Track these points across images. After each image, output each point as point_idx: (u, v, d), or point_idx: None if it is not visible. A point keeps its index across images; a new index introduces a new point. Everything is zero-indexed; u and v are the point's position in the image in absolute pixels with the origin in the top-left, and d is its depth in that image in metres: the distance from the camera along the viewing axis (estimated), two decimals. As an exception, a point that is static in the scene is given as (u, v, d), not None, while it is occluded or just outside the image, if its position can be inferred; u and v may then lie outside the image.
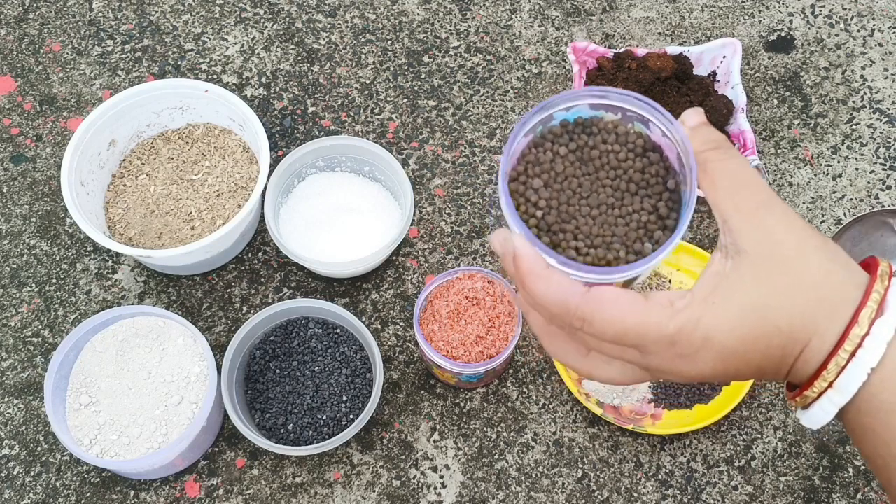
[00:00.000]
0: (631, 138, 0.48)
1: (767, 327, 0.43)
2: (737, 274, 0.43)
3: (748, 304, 0.43)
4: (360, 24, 1.04)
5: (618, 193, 0.47)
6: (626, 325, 0.43)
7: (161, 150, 0.93)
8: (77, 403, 0.79)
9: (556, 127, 0.48)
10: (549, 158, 0.48)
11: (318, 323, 0.85)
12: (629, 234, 0.47)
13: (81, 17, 1.04)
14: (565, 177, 0.47)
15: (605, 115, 0.48)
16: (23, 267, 0.91)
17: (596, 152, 0.48)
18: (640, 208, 0.47)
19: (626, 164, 0.48)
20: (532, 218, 0.47)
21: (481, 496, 0.82)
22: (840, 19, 1.06)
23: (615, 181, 0.48)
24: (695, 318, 0.43)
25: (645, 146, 0.48)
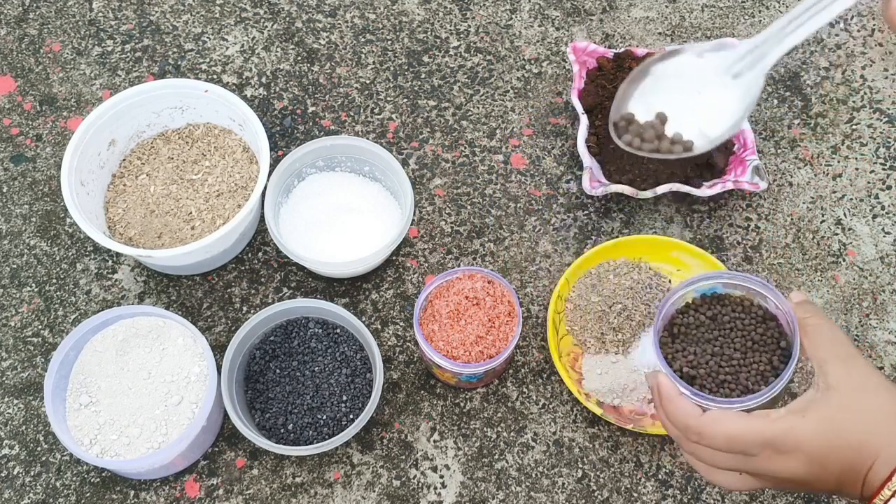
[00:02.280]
0: (754, 310, 0.66)
1: (843, 440, 0.55)
2: (825, 400, 0.56)
3: (829, 420, 0.56)
4: (360, 24, 1.04)
5: (742, 350, 0.64)
6: (732, 433, 0.57)
7: (161, 150, 0.93)
8: (77, 403, 0.79)
9: (698, 298, 0.67)
10: (691, 322, 0.66)
11: (318, 323, 0.85)
12: (750, 379, 0.64)
13: (81, 17, 1.04)
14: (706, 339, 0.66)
15: (735, 291, 0.67)
16: (23, 267, 0.91)
17: (727, 318, 0.65)
18: (758, 360, 0.64)
19: (749, 329, 0.65)
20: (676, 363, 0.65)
21: (481, 496, 0.82)
22: (840, 19, 1.06)
23: (741, 340, 0.65)
24: (787, 426, 0.56)
25: (764, 316, 0.65)
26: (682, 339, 0.67)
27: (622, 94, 0.56)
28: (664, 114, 0.56)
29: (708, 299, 0.67)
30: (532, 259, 0.92)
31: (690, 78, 0.54)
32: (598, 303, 0.87)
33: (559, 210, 0.94)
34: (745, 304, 0.66)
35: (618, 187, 0.90)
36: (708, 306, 0.67)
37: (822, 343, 0.59)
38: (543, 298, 0.90)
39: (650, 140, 0.55)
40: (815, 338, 0.60)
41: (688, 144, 0.55)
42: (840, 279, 0.92)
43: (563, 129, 0.99)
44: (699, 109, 0.55)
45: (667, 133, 0.56)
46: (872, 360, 0.88)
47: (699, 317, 0.67)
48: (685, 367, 0.65)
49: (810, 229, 0.94)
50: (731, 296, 0.67)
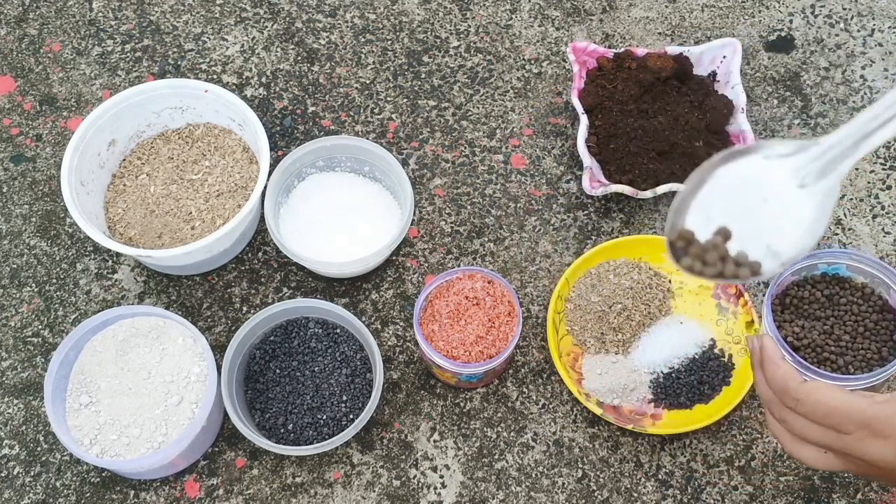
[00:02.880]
0: (874, 299, 0.66)
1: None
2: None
3: None
4: (360, 24, 1.04)
5: (853, 334, 0.65)
6: (833, 405, 0.55)
7: (161, 150, 0.93)
8: (77, 403, 0.79)
9: (818, 275, 0.66)
10: (806, 296, 0.66)
11: (318, 323, 0.85)
12: (854, 363, 0.64)
13: (81, 17, 1.04)
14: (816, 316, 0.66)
15: (858, 277, 0.66)
16: (23, 267, 0.91)
17: (844, 301, 0.66)
18: (867, 347, 0.65)
19: (865, 315, 0.65)
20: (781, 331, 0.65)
21: (481, 496, 0.82)
22: (840, 19, 1.06)
23: (853, 325, 0.65)
24: (892, 410, 0.54)
25: (883, 307, 0.66)
26: (792, 311, 0.66)
27: (678, 205, 0.47)
28: (727, 229, 0.47)
29: (829, 278, 0.67)
30: (532, 259, 0.92)
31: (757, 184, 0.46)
32: (598, 303, 0.87)
33: (559, 210, 0.94)
34: (865, 292, 0.67)
35: (618, 187, 0.90)
36: (826, 285, 0.66)
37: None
38: (543, 298, 0.90)
39: (712, 263, 0.47)
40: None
41: (755, 267, 0.46)
42: (840, 279, 0.92)
43: (563, 129, 0.99)
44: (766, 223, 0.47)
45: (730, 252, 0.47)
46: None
47: (815, 293, 0.66)
48: (790, 337, 0.65)
49: (810, 229, 0.94)
50: (853, 280, 0.67)
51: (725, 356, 0.87)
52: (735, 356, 0.87)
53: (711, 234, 0.47)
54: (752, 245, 0.47)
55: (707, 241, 0.47)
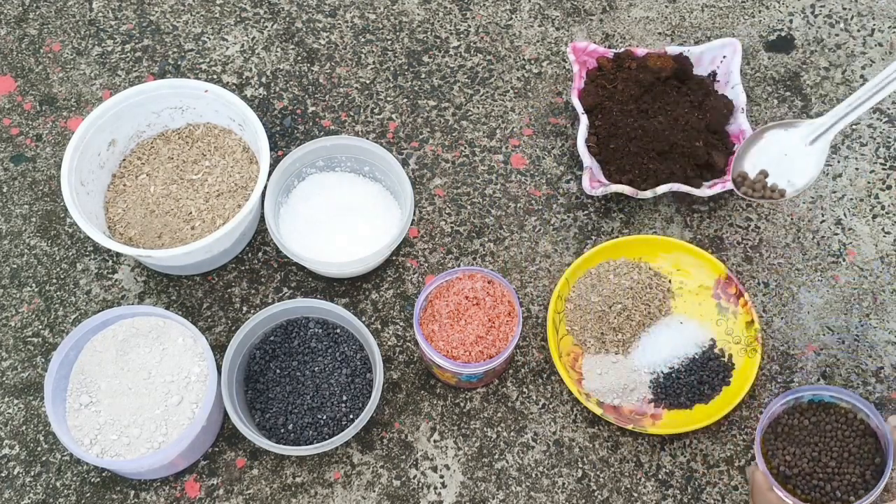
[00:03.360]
0: (857, 423, 0.71)
1: None
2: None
3: None
4: (360, 24, 1.04)
5: (839, 459, 0.69)
6: None
7: (161, 150, 0.93)
8: (77, 403, 0.79)
9: (805, 404, 0.72)
10: (795, 424, 0.72)
11: (318, 323, 0.85)
12: (840, 488, 0.69)
13: (81, 17, 1.04)
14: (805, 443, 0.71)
15: (841, 402, 0.72)
16: (23, 267, 0.91)
17: (829, 427, 0.71)
18: (852, 472, 0.69)
19: (849, 440, 0.70)
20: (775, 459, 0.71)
21: (481, 496, 0.82)
22: (840, 19, 1.06)
23: (838, 450, 0.70)
24: None
25: (864, 431, 0.70)
26: (784, 439, 0.72)
27: (738, 157, 0.76)
28: (766, 170, 0.75)
29: (815, 406, 0.72)
30: (532, 259, 0.92)
31: (781, 144, 0.74)
32: (598, 303, 0.87)
33: (559, 210, 0.94)
34: (848, 417, 0.71)
35: (618, 187, 0.90)
36: (813, 412, 0.72)
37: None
38: (543, 298, 0.90)
39: (759, 190, 0.75)
40: None
41: (782, 192, 0.74)
42: (840, 279, 0.92)
43: (563, 129, 0.99)
44: (787, 166, 0.74)
45: (768, 184, 0.75)
46: (872, 360, 0.88)
47: (803, 420, 0.72)
48: (782, 466, 0.71)
49: (810, 229, 0.94)
50: (837, 406, 0.72)
51: (725, 356, 0.87)
52: (735, 356, 0.87)
53: (756, 173, 0.75)
54: (779, 180, 0.74)
55: (755, 177, 0.75)
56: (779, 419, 0.72)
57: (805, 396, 0.72)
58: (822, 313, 0.90)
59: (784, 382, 0.87)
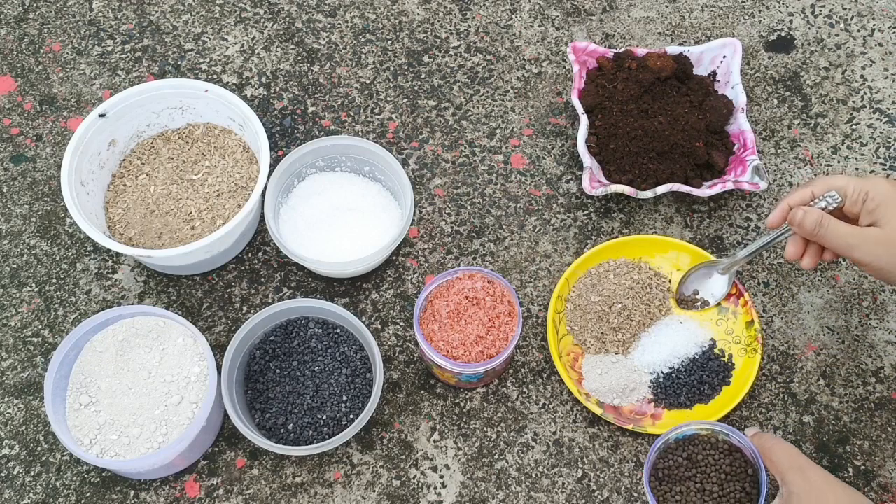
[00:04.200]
0: (721, 445, 0.76)
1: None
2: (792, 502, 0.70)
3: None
4: (360, 24, 1.04)
5: (718, 482, 0.75)
6: None
7: (161, 150, 0.93)
8: (77, 403, 0.79)
9: (672, 442, 0.77)
10: (671, 465, 0.76)
11: (318, 323, 0.85)
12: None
13: (81, 17, 1.04)
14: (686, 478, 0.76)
15: (702, 431, 0.77)
16: (23, 267, 0.91)
17: (700, 456, 0.76)
18: (734, 489, 0.75)
19: (721, 462, 0.76)
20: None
21: (481, 496, 0.82)
22: (840, 19, 1.06)
23: (716, 474, 0.75)
24: None
25: (730, 449, 0.76)
26: (668, 481, 0.76)
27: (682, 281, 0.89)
28: (697, 290, 0.89)
29: (682, 442, 0.77)
30: (532, 259, 0.92)
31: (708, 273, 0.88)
32: (598, 303, 0.87)
33: (559, 210, 0.94)
34: (712, 441, 0.77)
35: (618, 187, 0.90)
36: (682, 448, 0.77)
37: (780, 459, 0.72)
38: (543, 298, 0.90)
39: (693, 303, 0.89)
40: (773, 456, 0.73)
41: (707, 302, 0.88)
42: (840, 279, 0.92)
43: (563, 129, 0.99)
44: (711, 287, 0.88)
45: (699, 298, 0.89)
46: (872, 360, 0.88)
47: (677, 458, 0.76)
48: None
49: (810, 229, 0.94)
50: (699, 436, 0.77)
51: (725, 356, 0.87)
52: (735, 356, 0.87)
53: (691, 292, 0.89)
54: (706, 295, 0.88)
55: (689, 295, 0.89)
56: (656, 466, 0.77)
57: (671, 437, 0.76)
58: (822, 313, 0.90)
59: (784, 382, 0.87)
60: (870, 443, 0.85)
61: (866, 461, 0.84)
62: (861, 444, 0.85)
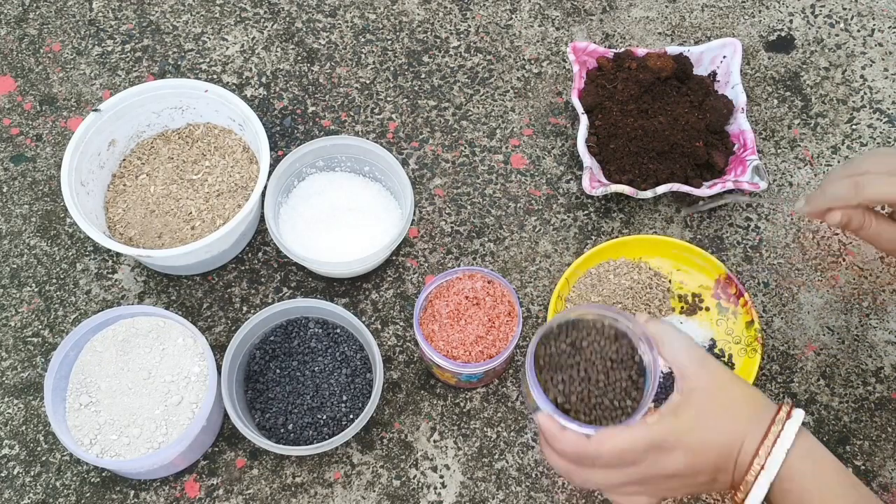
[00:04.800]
0: (607, 330, 0.69)
1: (715, 430, 0.63)
2: (694, 398, 0.64)
3: (700, 415, 0.64)
4: (360, 24, 1.04)
5: (604, 370, 0.68)
6: (622, 446, 0.63)
7: (161, 150, 0.93)
8: (77, 403, 0.79)
9: (555, 328, 0.69)
10: (553, 352, 0.69)
11: (318, 323, 0.85)
12: (617, 398, 0.67)
13: (81, 17, 1.04)
14: (569, 365, 0.68)
15: (586, 315, 0.69)
16: (23, 267, 0.91)
17: (585, 342, 0.69)
18: (620, 377, 0.68)
19: (606, 348, 0.68)
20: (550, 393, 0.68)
21: (481, 496, 0.82)
22: (840, 19, 1.06)
23: (601, 361, 0.68)
24: (667, 427, 0.63)
25: (616, 334, 0.69)
26: (549, 370, 0.69)
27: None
28: None
29: (564, 327, 0.70)
30: (532, 259, 0.92)
31: None
32: (598, 303, 0.87)
33: (559, 210, 0.94)
34: (597, 326, 0.69)
35: (618, 187, 0.90)
36: (566, 333, 0.70)
37: (677, 351, 0.66)
38: (543, 298, 0.90)
39: None
40: (670, 347, 0.66)
41: None
42: (840, 279, 0.92)
43: (563, 129, 0.99)
44: None
45: None
46: (872, 360, 0.88)
47: (559, 345, 0.69)
48: (559, 398, 0.68)
49: (810, 229, 0.94)
50: (583, 320, 0.70)
51: (725, 356, 0.87)
52: (735, 356, 0.87)
53: None
54: None
55: None
56: (537, 353, 0.70)
57: (554, 323, 0.70)
58: (822, 313, 0.90)
59: (784, 382, 0.87)
60: (870, 443, 0.85)
61: (866, 461, 0.84)
62: (861, 444, 0.85)
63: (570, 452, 0.65)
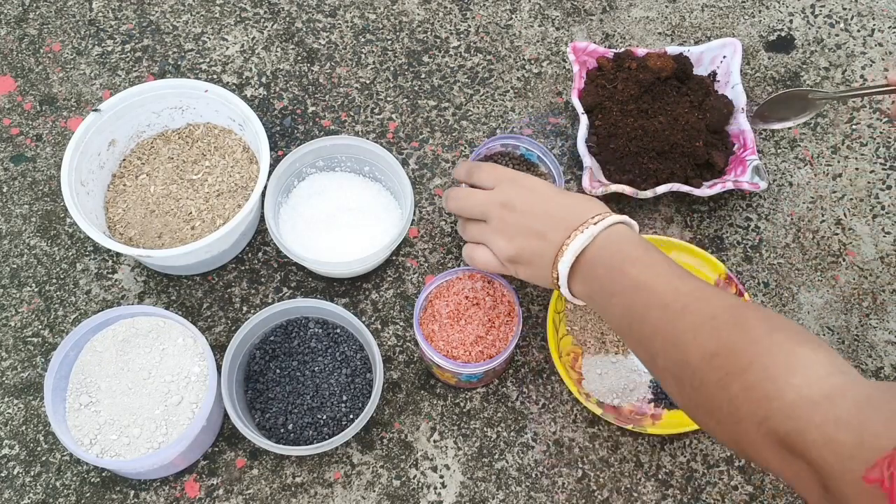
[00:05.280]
0: None
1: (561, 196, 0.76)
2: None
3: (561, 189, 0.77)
4: (360, 24, 1.04)
5: None
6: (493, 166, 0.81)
7: (161, 150, 0.93)
8: (77, 403, 0.79)
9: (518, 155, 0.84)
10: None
11: (318, 323, 0.85)
12: None
13: (81, 17, 1.04)
14: None
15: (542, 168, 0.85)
16: (23, 267, 0.91)
17: None
18: None
19: None
20: None
21: (481, 496, 0.82)
22: (840, 19, 1.06)
23: None
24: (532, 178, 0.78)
25: None
26: None
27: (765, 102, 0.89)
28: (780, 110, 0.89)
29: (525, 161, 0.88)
30: (532, 259, 0.92)
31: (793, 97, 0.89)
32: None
33: (559, 210, 0.94)
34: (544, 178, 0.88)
35: (618, 187, 0.90)
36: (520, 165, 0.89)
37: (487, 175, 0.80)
38: (543, 298, 0.90)
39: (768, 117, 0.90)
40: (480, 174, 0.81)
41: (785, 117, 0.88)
42: (840, 279, 0.92)
43: (563, 129, 0.99)
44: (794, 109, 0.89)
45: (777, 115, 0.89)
46: (872, 360, 0.88)
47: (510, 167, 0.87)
48: None
49: (810, 229, 0.94)
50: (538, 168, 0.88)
51: (725, 356, 0.87)
52: (735, 356, 0.87)
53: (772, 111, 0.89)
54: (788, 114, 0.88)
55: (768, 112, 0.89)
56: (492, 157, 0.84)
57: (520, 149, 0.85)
58: (822, 313, 0.90)
59: (784, 382, 0.87)
60: (870, 443, 0.85)
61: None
62: (861, 444, 0.85)
63: (465, 166, 0.82)
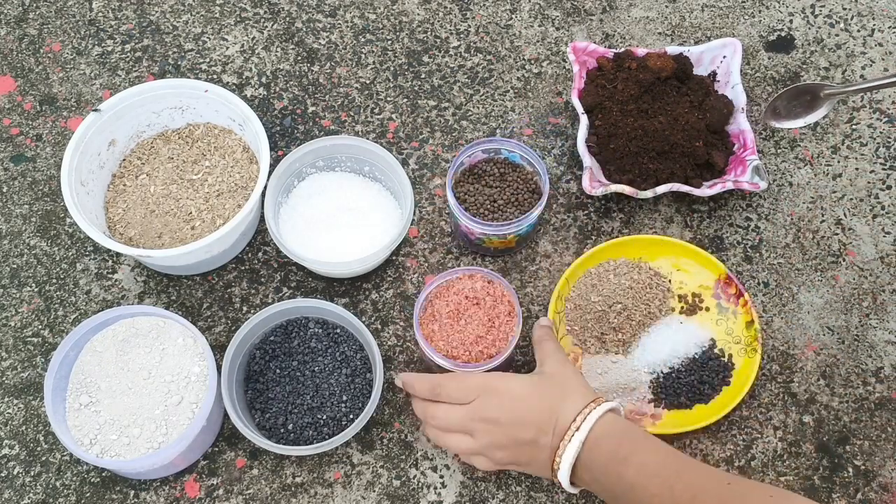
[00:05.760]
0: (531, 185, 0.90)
1: (541, 396, 0.74)
2: (537, 377, 0.77)
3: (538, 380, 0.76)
4: (360, 24, 1.04)
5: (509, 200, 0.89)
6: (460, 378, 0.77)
7: (161, 150, 0.93)
8: (77, 403, 0.79)
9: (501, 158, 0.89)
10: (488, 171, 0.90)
11: (318, 323, 0.85)
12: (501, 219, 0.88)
13: (81, 17, 1.04)
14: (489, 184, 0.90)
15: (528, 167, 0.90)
16: (23, 267, 0.91)
17: (510, 178, 0.90)
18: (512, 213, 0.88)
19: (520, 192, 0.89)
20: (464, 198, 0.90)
21: (481, 496, 0.82)
22: (840, 19, 1.06)
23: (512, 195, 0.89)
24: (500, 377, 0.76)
25: (535, 190, 0.89)
26: (474, 179, 0.90)
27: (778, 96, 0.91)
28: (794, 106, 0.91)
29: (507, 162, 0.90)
30: (532, 259, 0.92)
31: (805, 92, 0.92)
32: (598, 303, 0.87)
33: (559, 210, 0.94)
34: (525, 177, 0.90)
35: (618, 187, 0.90)
36: (503, 166, 0.90)
37: (547, 352, 0.79)
38: (543, 298, 0.90)
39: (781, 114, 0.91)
40: (543, 347, 0.80)
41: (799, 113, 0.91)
42: (840, 279, 0.92)
43: (563, 129, 0.99)
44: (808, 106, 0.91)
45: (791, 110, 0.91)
46: (872, 360, 0.88)
47: (493, 169, 0.89)
48: (468, 198, 0.89)
49: (810, 229, 0.94)
50: (523, 168, 0.89)
51: (725, 356, 0.87)
52: (735, 356, 0.87)
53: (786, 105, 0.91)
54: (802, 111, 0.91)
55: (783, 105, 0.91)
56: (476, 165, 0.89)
57: (502, 152, 0.89)
58: (822, 313, 0.90)
59: (784, 382, 0.87)
60: (870, 443, 0.85)
61: (866, 461, 0.84)
62: (861, 444, 0.85)
63: (426, 386, 0.78)
